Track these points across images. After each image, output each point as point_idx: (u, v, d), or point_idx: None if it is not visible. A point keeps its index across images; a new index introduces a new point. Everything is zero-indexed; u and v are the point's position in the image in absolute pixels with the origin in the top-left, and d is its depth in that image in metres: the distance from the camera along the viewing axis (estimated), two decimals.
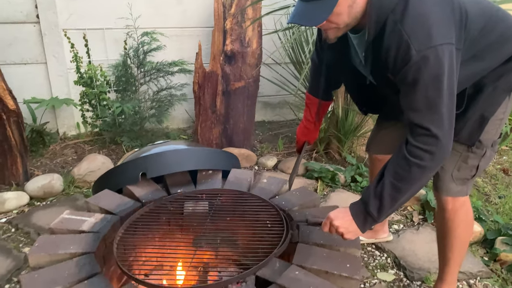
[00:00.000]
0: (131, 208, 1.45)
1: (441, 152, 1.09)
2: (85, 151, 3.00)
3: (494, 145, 1.37)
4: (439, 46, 1.04)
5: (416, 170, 1.10)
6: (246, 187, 1.60)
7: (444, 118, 1.08)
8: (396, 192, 1.12)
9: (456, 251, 1.46)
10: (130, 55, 2.93)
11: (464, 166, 1.37)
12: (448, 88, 1.08)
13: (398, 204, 1.15)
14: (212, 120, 2.97)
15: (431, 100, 1.08)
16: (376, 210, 1.15)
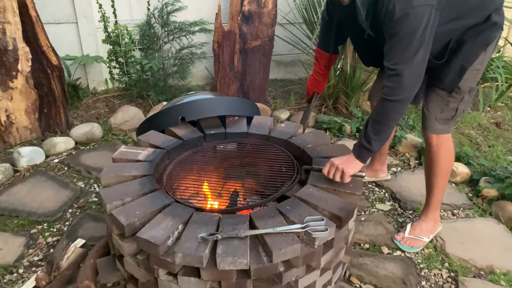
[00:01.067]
0: (175, 144, 1.76)
1: (406, 88, 1.36)
2: (115, 104, 3.30)
3: (471, 91, 1.64)
4: (419, 7, 1.28)
5: (387, 104, 1.39)
6: (267, 131, 1.90)
7: (413, 63, 1.33)
8: (376, 124, 1.43)
9: (440, 178, 1.78)
10: (155, 15, 3.16)
11: (446, 108, 1.66)
12: (420, 41, 1.31)
13: (382, 134, 1.43)
14: (230, 76, 3.24)
15: (403, 49, 1.33)
16: (365, 141, 1.45)
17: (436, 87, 1.65)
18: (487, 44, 1.53)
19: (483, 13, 1.47)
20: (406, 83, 1.36)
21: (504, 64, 3.71)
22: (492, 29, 1.49)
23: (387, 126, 1.44)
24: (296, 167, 1.64)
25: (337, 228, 1.34)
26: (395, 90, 1.37)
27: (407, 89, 1.38)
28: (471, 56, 1.52)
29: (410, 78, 1.36)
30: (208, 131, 1.89)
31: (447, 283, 1.67)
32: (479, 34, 1.49)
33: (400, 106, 1.40)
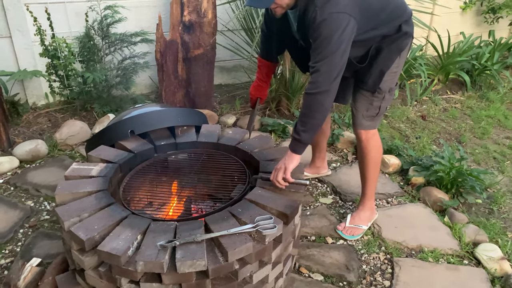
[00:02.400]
0: (126, 157, 1.82)
1: (324, 82, 1.53)
2: (58, 118, 3.25)
3: (391, 91, 1.87)
4: (336, 13, 1.49)
5: (309, 97, 1.57)
6: (216, 138, 2.01)
7: (330, 61, 1.51)
8: (303, 117, 1.60)
9: (371, 169, 2.01)
10: (94, 27, 3.15)
11: (371, 107, 1.89)
12: (337, 44, 1.50)
13: (309, 125, 1.60)
14: (175, 85, 3.31)
15: (322, 49, 1.51)
16: (296, 133, 1.62)
17: (361, 89, 1.89)
18: (400, 50, 1.77)
19: (395, 24, 1.70)
20: (324, 78, 1.53)
21: (426, 62, 4.09)
22: (403, 38, 1.74)
23: (312, 118, 1.60)
24: (246, 172, 1.77)
25: (285, 225, 1.48)
26: (315, 84, 1.55)
27: (324, 83, 1.54)
28: (388, 61, 1.76)
29: (327, 75, 1.53)
30: (158, 142, 1.96)
31: (384, 264, 1.88)
32: (393, 42, 1.73)
33: (320, 98, 1.56)
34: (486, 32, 4.83)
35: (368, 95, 1.87)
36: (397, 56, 1.77)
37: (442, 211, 2.24)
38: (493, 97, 3.87)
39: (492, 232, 2.09)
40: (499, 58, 4.24)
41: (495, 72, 3.98)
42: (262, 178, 1.68)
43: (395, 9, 1.70)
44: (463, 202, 2.32)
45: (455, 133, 3.23)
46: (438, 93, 3.96)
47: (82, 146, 2.78)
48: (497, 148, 2.99)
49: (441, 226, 2.11)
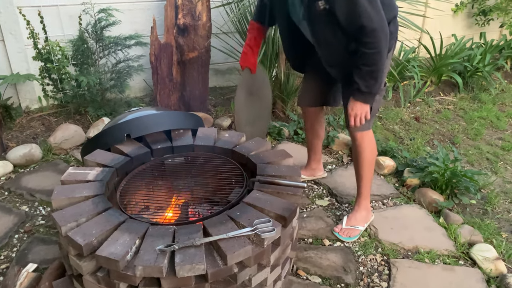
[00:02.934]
0: (123, 161, 1.81)
1: (382, 38, 1.61)
2: (52, 122, 3.23)
3: (381, 91, 1.89)
4: None
5: (375, 55, 1.64)
6: (212, 141, 2.01)
7: (376, 19, 1.58)
8: (372, 73, 1.68)
9: (366, 169, 2.03)
10: (88, 31, 3.13)
11: None
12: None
13: (379, 78, 1.70)
14: (170, 88, 3.30)
15: (354, 7, 1.57)
16: (367, 88, 1.72)
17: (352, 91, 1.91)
18: (389, 50, 1.80)
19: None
20: (383, 33, 1.63)
21: (419, 63, 4.13)
22: (389, 38, 1.76)
23: (378, 70, 1.69)
24: (244, 175, 1.77)
25: (283, 227, 1.48)
26: (379, 41, 1.62)
27: (385, 37, 1.64)
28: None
29: (383, 27, 1.62)
30: (155, 146, 1.96)
31: (381, 266, 1.89)
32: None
33: (384, 52, 1.66)
34: (477, 34, 4.89)
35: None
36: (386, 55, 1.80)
37: (437, 212, 2.26)
38: (485, 98, 3.91)
39: (487, 232, 2.11)
40: (490, 60, 4.29)
41: (486, 73, 4.03)
42: (259, 181, 1.68)
43: (390, 2, 1.75)
44: (457, 203, 2.34)
45: (449, 134, 3.26)
46: (431, 95, 4.00)
47: (76, 150, 2.77)
48: (490, 149, 3.02)
49: (436, 227, 2.13)
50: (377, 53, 1.64)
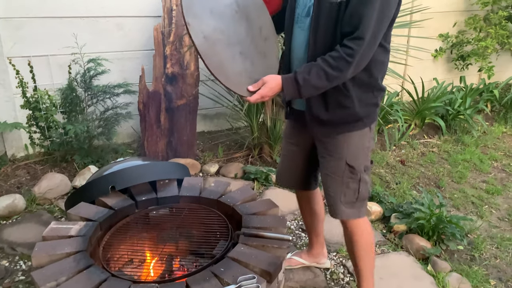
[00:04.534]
0: (107, 215, 1.80)
1: (363, 53, 1.39)
2: (37, 171, 3.20)
3: (367, 169, 1.64)
4: None
5: (344, 62, 1.39)
6: (198, 191, 2.01)
7: (372, 31, 1.38)
8: (322, 72, 1.41)
9: (366, 259, 1.75)
10: (77, 80, 3.18)
11: (348, 191, 1.64)
12: (383, 10, 1.38)
13: (319, 85, 1.44)
14: (157, 134, 3.33)
15: (375, 13, 1.37)
16: (302, 79, 1.43)
17: (327, 167, 1.66)
18: (371, 121, 1.65)
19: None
20: (368, 47, 1.41)
21: (403, 107, 4.24)
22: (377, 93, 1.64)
23: (329, 82, 1.44)
24: (229, 228, 1.76)
25: (268, 283, 1.46)
26: (358, 54, 1.39)
27: (369, 54, 1.44)
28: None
29: (371, 43, 1.41)
30: (139, 197, 1.95)
31: None
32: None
33: (352, 69, 1.43)
34: (457, 78, 5.07)
35: (338, 175, 1.63)
36: (367, 127, 1.61)
37: (425, 259, 2.25)
38: (467, 140, 4.00)
39: (475, 280, 2.10)
40: (471, 103, 4.42)
41: (468, 116, 4.14)
42: (244, 234, 1.67)
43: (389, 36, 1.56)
44: (445, 249, 2.33)
45: (434, 178, 3.30)
46: (415, 138, 4.08)
47: (61, 199, 2.73)
48: (474, 192, 3.06)
49: (424, 275, 2.11)
50: (347, 63, 1.40)
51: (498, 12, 4.57)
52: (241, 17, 1.58)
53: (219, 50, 1.45)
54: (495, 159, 3.64)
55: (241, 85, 1.49)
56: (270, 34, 1.69)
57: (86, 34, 3.36)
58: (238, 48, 1.53)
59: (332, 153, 1.64)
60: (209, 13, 1.47)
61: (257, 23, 1.64)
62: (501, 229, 2.61)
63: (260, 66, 1.59)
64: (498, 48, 4.78)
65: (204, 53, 1.40)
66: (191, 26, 1.39)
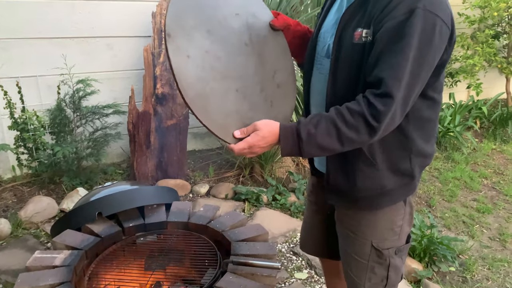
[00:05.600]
0: (93, 242, 1.76)
1: (394, 116, 1.06)
2: (24, 193, 3.14)
3: (400, 252, 1.30)
4: (442, 21, 1.05)
5: (363, 123, 1.06)
6: (187, 217, 1.98)
7: (407, 83, 1.04)
8: (333, 129, 1.08)
9: None
10: (66, 101, 3.16)
11: (374, 276, 1.31)
12: (421, 57, 1.05)
13: (327, 145, 1.10)
14: (147, 155, 3.30)
15: (386, 50, 1.05)
16: (306, 133, 1.09)
17: (349, 245, 1.33)
18: (410, 190, 1.33)
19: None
20: (397, 111, 1.06)
21: None
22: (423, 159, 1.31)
23: (341, 143, 1.10)
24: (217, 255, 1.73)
25: None
26: (385, 116, 1.05)
27: (397, 120, 1.09)
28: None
29: (402, 107, 1.07)
30: (127, 223, 1.91)
31: None
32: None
33: (374, 134, 1.08)
34: (446, 94, 5.13)
35: (362, 258, 1.30)
36: (400, 202, 1.26)
37: (417, 282, 2.23)
38: (458, 157, 4.02)
39: None
40: (460, 120, 4.47)
41: (457, 133, 4.17)
42: (233, 262, 1.64)
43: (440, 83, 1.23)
44: (436, 271, 2.32)
45: (425, 197, 3.30)
46: None
47: (48, 223, 2.68)
48: (465, 211, 3.06)
49: None
50: (368, 127, 1.06)
51: (484, 31, 4.66)
52: (251, 52, 1.31)
53: (206, 77, 1.16)
54: (485, 177, 3.66)
55: (225, 128, 1.18)
56: (285, 82, 1.40)
57: (75, 54, 3.35)
58: (237, 84, 1.24)
59: (355, 231, 1.30)
60: (205, 32, 1.19)
61: (272, 64, 1.36)
62: (493, 249, 2.60)
63: (261, 114, 1.26)
64: (485, 65, 4.85)
65: (180, 76, 1.09)
66: (172, 39, 1.10)
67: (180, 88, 1.10)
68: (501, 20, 4.78)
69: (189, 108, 1.13)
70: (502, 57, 4.94)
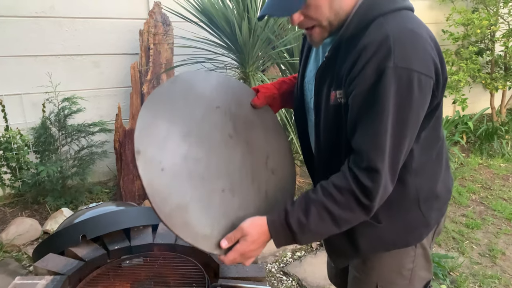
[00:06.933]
0: (76, 267, 1.70)
1: (387, 185, 0.98)
2: (6, 213, 3.06)
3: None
4: (419, 74, 0.94)
5: (354, 202, 0.98)
6: (173, 238, 1.93)
7: (386, 155, 0.96)
8: (325, 213, 1.00)
9: None
10: (51, 119, 3.11)
11: None
12: (402, 121, 0.95)
13: (325, 231, 1.03)
14: (134, 173, 3.24)
15: (363, 114, 0.97)
16: (297, 224, 1.01)
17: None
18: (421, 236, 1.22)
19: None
20: (385, 184, 0.98)
21: None
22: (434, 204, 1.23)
23: (337, 225, 1.02)
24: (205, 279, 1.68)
25: None
26: (376, 193, 0.97)
27: (386, 192, 1.00)
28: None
29: (390, 178, 0.99)
30: (112, 246, 1.85)
31: None
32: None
33: (367, 212, 1.01)
34: None
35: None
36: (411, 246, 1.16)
37: None
38: None
39: None
40: (447, 135, 4.51)
41: None
42: (221, 286, 1.60)
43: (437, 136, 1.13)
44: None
45: None
46: None
47: (31, 246, 2.60)
48: (455, 227, 3.06)
49: None
50: (360, 206, 0.99)
51: (468, 47, 4.75)
52: (237, 142, 1.20)
53: (184, 187, 1.06)
54: (473, 192, 3.68)
55: (211, 238, 1.07)
56: (281, 165, 1.28)
57: (61, 72, 3.31)
58: (222, 183, 1.13)
59: (360, 271, 1.22)
60: (181, 137, 1.09)
61: (263, 149, 1.25)
62: (483, 265, 2.59)
63: (254, 209, 1.16)
64: (470, 81, 4.93)
65: (153, 193, 1.00)
66: (142, 155, 1.02)
67: (153, 207, 1.01)
68: (484, 37, 4.89)
69: (165, 225, 1.03)
70: (486, 73, 5.03)
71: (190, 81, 1.17)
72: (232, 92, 1.24)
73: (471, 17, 4.57)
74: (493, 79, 4.83)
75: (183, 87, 1.15)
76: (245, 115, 1.26)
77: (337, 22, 1.02)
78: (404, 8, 1.01)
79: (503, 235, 2.94)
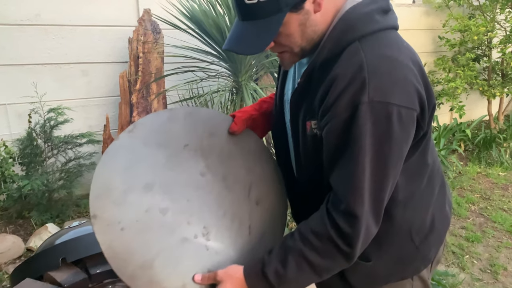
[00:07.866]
0: None
1: (369, 230, 0.90)
2: None
3: None
4: (399, 107, 0.84)
5: (334, 250, 0.91)
6: None
7: (365, 199, 0.87)
8: (304, 263, 0.92)
9: None
10: (36, 130, 3.00)
11: None
12: (391, 159, 0.87)
13: (306, 281, 0.95)
14: None
15: (340, 152, 0.88)
16: (274, 275, 0.93)
17: None
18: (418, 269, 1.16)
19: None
20: (366, 229, 0.90)
21: None
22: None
23: (317, 276, 0.94)
24: None
25: None
26: (354, 239, 0.89)
27: (369, 238, 0.92)
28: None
29: (369, 221, 0.90)
30: (94, 270, 1.74)
31: None
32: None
33: (349, 258, 0.93)
34: None
35: None
36: (407, 279, 1.08)
37: None
38: None
39: None
40: (445, 143, 4.43)
41: (442, 157, 4.12)
42: None
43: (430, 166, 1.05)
44: None
45: None
46: None
47: (13, 265, 2.48)
48: (455, 240, 2.97)
49: None
50: (341, 254, 0.91)
51: (465, 54, 4.68)
52: (211, 180, 1.09)
53: (147, 244, 0.98)
54: (472, 202, 3.59)
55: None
56: (265, 195, 1.16)
57: (48, 81, 3.21)
58: (195, 229, 1.04)
59: None
60: (142, 189, 1.00)
61: (244, 181, 1.13)
62: (484, 282, 2.50)
63: (233, 251, 1.07)
64: (467, 87, 4.87)
65: (111, 255, 0.95)
66: (98, 219, 0.94)
67: (114, 269, 0.96)
68: (481, 43, 4.83)
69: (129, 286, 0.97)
70: (483, 79, 4.97)
71: (150, 125, 1.05)
72: (203, 124, 1.11)
73: (468, 24, 4.51)
74: (490, 85, 4.77)
75: (143, 133, 1.04)
76: (220, 146, 1.13)
77: (311, 47, 0.95)
78: (385, 28, 0.91)
79: (504, 248, 2.85)
